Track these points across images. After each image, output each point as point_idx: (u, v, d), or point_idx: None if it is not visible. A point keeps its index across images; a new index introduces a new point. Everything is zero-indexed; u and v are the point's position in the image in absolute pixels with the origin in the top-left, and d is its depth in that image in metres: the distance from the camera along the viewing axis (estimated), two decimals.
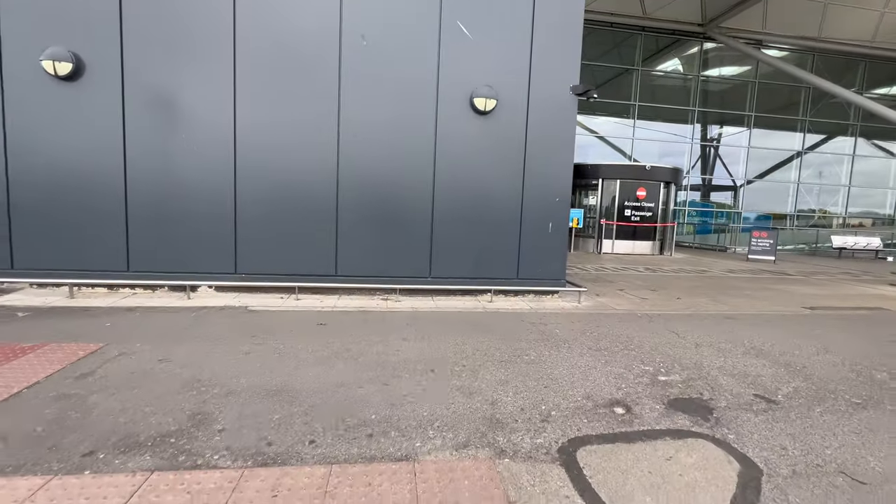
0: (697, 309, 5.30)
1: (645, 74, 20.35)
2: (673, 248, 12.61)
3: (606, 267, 9.27)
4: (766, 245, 11.44)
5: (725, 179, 21.65)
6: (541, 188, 5.33)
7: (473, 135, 5.14)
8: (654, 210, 12.31)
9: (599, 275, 7.99)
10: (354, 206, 5.02)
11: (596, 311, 4.94)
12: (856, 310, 5.64)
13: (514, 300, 5.31)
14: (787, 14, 17.80)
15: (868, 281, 8.64)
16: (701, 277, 8.19)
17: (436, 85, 5.03)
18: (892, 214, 22.22)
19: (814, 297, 6.51)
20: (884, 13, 17.76)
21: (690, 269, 9.51)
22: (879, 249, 13.88)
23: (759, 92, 20.76)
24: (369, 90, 4.93)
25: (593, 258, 11.11)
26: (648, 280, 7.55)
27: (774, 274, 9.20)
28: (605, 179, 12.26)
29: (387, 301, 4.96)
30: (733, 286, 7.26)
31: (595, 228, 12.41)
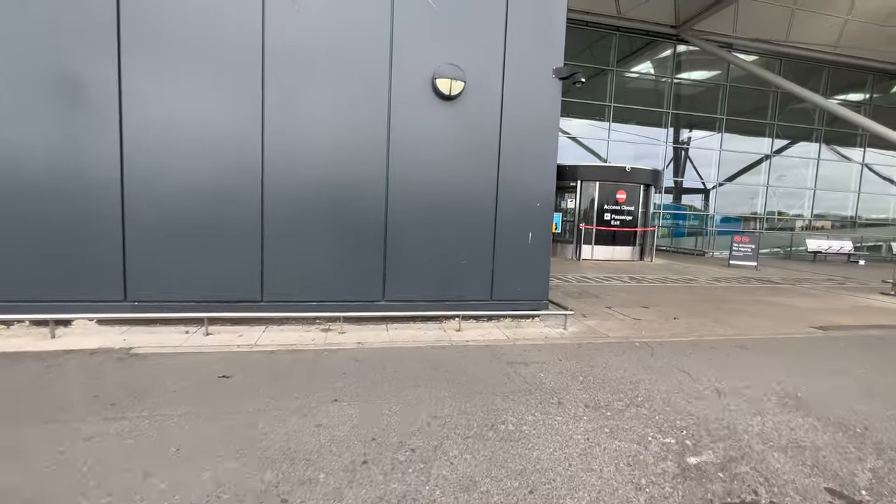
0: (701, 333, 4.50)
1: (620, 75, 19.99)
2: (653, 253, 12.03)
3: (588, 276, 8.49)
4: (748, 250, 10.99)
5: (697, 182, 21.59)
6: (519, 191, 4.41)
7: (437, 125, 4.18)
8: (634, 214, 11.70)
9: (583, 287, 7.17)
10: (286, 215, 3.95)
11: (586, 341, 4.05)
12: (867, 329, 5.00)
13: (488, 327, 4.37)
14: (757, 18, 17.76)
15: (855, 289, 8.20)
16: (690, 289, 7.50)
17: (388, 63, 4.03)
18: (854, 217, 22.72)
19: (814, 312, 5.88)
20: (846, 20, 17.98)
21: (675, 277, 8.86)
22: (851, 253, 13.79)
23: (730, 95, 20.76)
24: (302, 69, 3.88)
25: (572, 265, 10.35)
26: (636, 293, 6.78)
27: (762, 282, 8.66)
28: (584, 181, 11.56)
29: (327, 333, 3.91)
30: (727, 300, 6.57)
31: (574, 233, 11.69)
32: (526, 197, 4.43)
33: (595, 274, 8.91)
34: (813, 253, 13.62)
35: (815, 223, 22.26)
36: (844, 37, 18.53)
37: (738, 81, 20.80)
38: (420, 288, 4.29)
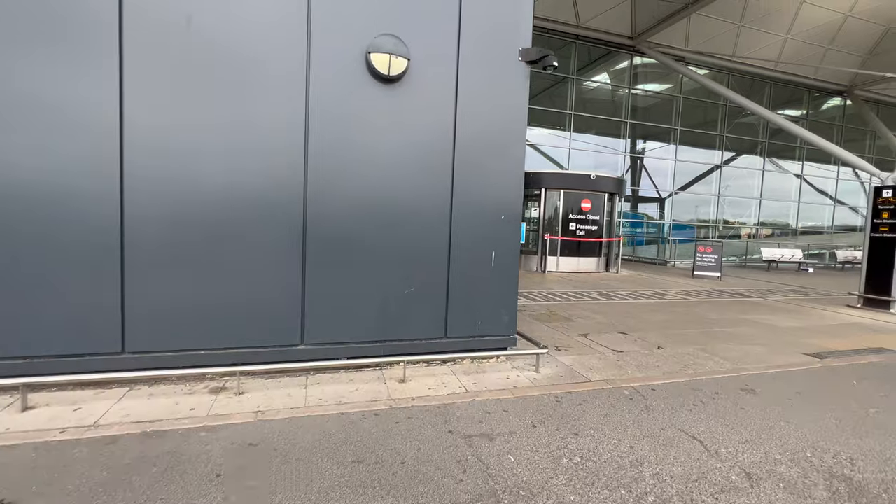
0: (695, 369, 3.77)
1: (580, 85, 19.93)
2: (619, 264, 11.59)
3: (555, 292, 7.76)
4: (712, 261, 10.75)
5: (653, 191, 21.87)
6: (479, 200, 3.51)
7: (372, 115, 3.20)
8: (600, 223, 11.21)
9: (551, 307, 6.38)
10: (162, 232, 2.83)
11: (565, 390, 3.18)
12: (862, 355, 4.48)
13: (442, 373, 3.40)
14: (706, 33, 18.19)
15: (821, 301, 7.96)
16: (664, 306, 6.91)
17: (305, 31, 3.03)
18: (795, 226, 23.84)
19: (799, 333, 5.37)
20: (786, 39, 18.79)
21: (646, 291, 8.32)
22: (801, 261, 14.06)
23: (683, 107, 21.23)
24: (179, 43, 2.80)
25: (538, 279, 9.63)
26: (610, 314, 6.07)
27: (731, 295, 8.27)
28: (549, 189, 10.94)
29: (217, 396, 2.81)
30: (705, 319, 5.99)
31: (539, 244, 11.02)
32: (488, 208, 3.54)
33: (562, 289, 8.20)
34: (767, 262, 13.75)
35: (762, 231, 23.14)
36: (784, 55, 19.35)
37: (691, 94, 21.33)
38: (353, 326, 3.27)
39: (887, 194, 6.95)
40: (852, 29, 17.95)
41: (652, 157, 21.72)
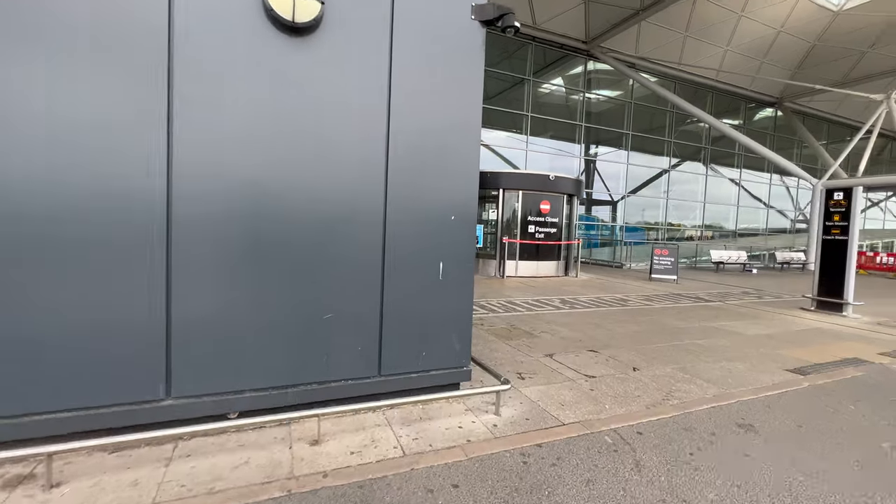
0: (680, 398, 3.18)
1: (537, 87, 19.80)
2: (578, 267, 11.24)
3: (516, 301, 7.13)
4: (668, 264, 10.64)
5: (606, 194, 22.18)
6: (422, 196, 2.71)
7: (268, 78, 2.32)
8: (559, 226, 10.80)
9: (512, 320, 5.71)
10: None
11: (532, 443, 2.44)
12: (841, 368, 4.14)
13: (373, 424, 2.56)
14: (655, 41, 18.60)
15: (776, 304, 7.91)
16: (629, 313, 6.46)
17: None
18: (735, 228, 25.13)
19: (769, 343, 5.04)
20: (726, 51, 19.64)
21: (608, 298, 7.90)
22: (746, 263, 14.50)
23: (634, 113, 21.70)
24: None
25: (496, 285, 9.01)
26: (575, 325, 5.48)
27: (692, 300, 8.04)
28: (507, 190, 10.38)
29: (12, 493, 1.81)
30: (674, 329, 5.56)
31: (497, 247, 10.42)
32: (434, 207, 2.74)
33: (523, 296, 7.60)
34: (716, 263, 14.03)
35: (706, 233, 24.16)
36: (724, 65, 20.22)
37: (642, 100, 21.86)
38: (248, 368, 2.35)
39: (838, 197, 6.91)
40: (784, 44, 19.02)
41: (605, 161, 22.03)
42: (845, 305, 6.85)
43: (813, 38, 18.57)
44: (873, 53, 18.30)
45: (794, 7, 17.09)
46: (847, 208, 6.81)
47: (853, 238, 6.74)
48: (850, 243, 6.77)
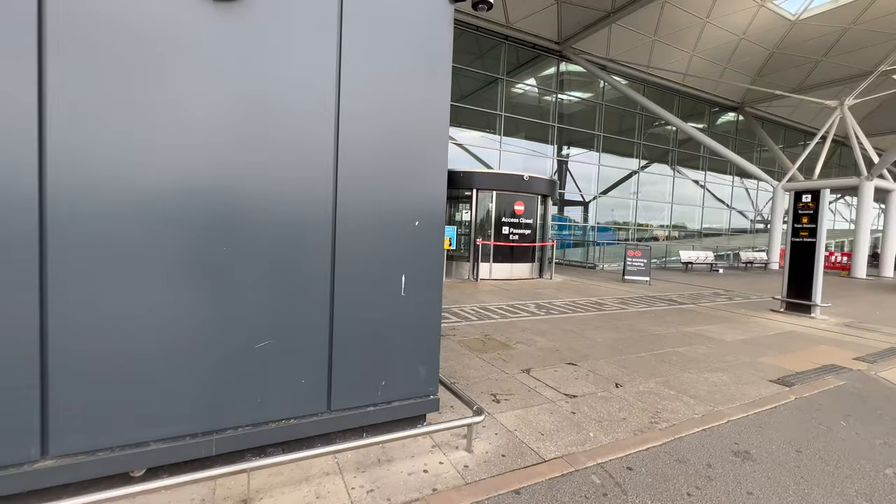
0: (668, 419, 2.90)
1: (510, 87, 19.67)
2: (553, 269, 11.07)
3: (490, 306, 6.79)
4: (641, 265, 10.62)
5: (577, 195, 22.35)
6: (381, 198, 2.30)
7: (188, 48, 1.84)
8: (533, 227, 10.58)
9: (486, 328, 5.36)
10: None
11: (509, 488, 2.07)
12: (823, 376, 4.01)
13: (321, 472, 2.12)
14: (625, 44, 18.82)
15: (747, 306, 7.94)
16: (605, 319, 6.24)
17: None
18: (700, 229, 25.89)
19: (748, 349, 4.91)
20: (692, 56, 20.12)
21: (583, 301, 7.70)
22: (713, 263, 14.80)
23: (606, 115, 21.95)
24: None
25: (470, 288, 8.66)
26: (552, 333, 5.19)
27: (666, 302, 7.96)
28: (481, 191, 10.05)
29: None
30: (652, 335, 5.36)
31: (470, 249, 10.09)
32: (394, 210, 2.33)
33: (497, 301, 7.28)
34: (685, 264, 14.24)
35: (673, 233, 24.77)
36: (690, 70, 20.71)
37: (612, 102, 22.13)
38: (158, 411, 1.87)
39: (807, 199, 6.95)
40: (745, 50, 19.63)
41: (577, 162, 22.18)
42: (813, 307, 6.89)
43: (772, 46, 19.25)
44: (826, 62, 19.16)
45: (755, 15, 17.63)
46: (815, 210, 6.85)
47: (821, 240, 6.79)
48: (819, 245, 6.81)
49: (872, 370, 4.22)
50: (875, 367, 4.30)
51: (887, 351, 4.94)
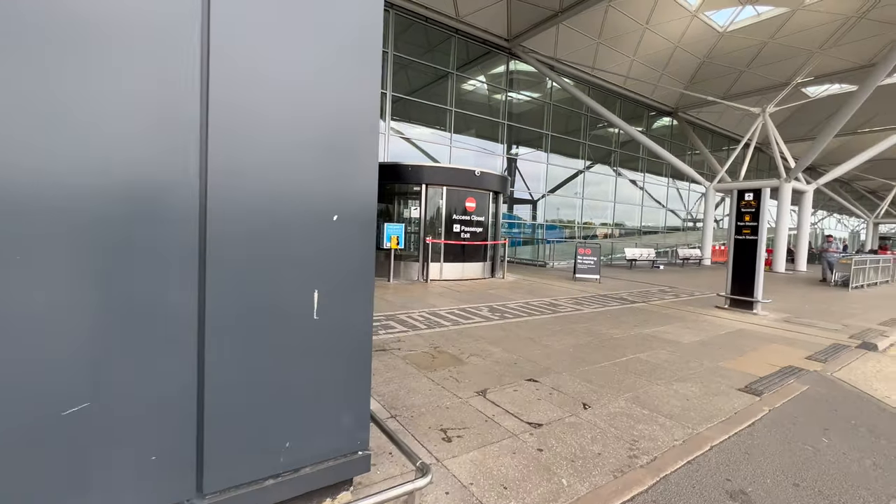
0: (646, 449, 2.46)
1: (460, 84, 19.27)
2: (505, 268, 10.72)
3: (440, 310, 6.20)
4: (591, 263, 10.56)
5: (526, 193, 22.50)
6: (279, 179, 1.60)
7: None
8: (485, 224, 10.14)
9: (436, 339, 4.75)
10: None
11: None
12: (786, 380, 3.85)
13: None
14: (572, 44, 19.08)
15: (694, 303, 8.02)
16: (561, 322, 5.88)
17: None
18: (640, 227, 27.16)
19: (706, 351, 4.73)
20: (633, 61, 20.88)
21: (537, 302, 7.34)
22: (654, 260, 15.30)
23: (553, 114, 22.22)
24: None
25: (419, 290, 8.03)
26: (508, 341, 4.69)
27: (618, 301, 7.83)
28: (430, 186, 9.43)
29: None
30: (610, 339, 5.05)
31: (419, 248, 9.45)
32: (300, 197, 1.64)
33: (448, 304, 6.71)
34: (630, 261, 14.58)
35: (616, 231, 25.75)
36: (631, 74, 21.48)
37: (560, 102, 22.45)
38: None
39: (749, 197, 7.06)
40: (679, 58, 20.65)
41: (526, 160, 22.29)
42: (755, 303, 7.02)
43: (702, 55, 20.41)
44: (749, 73, 20.66)
45: (688, 25, 18.54)
46: (757, 209, 6.97)
47: (762, 238, 6.91)
48: (760, 243, 6.93)
49: (827, 370, 4.14)
50: (828, 367, 4.24)
51: (831, 349, 4.97)
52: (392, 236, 8.72)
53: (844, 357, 4.64)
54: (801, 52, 18.62)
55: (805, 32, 17.63)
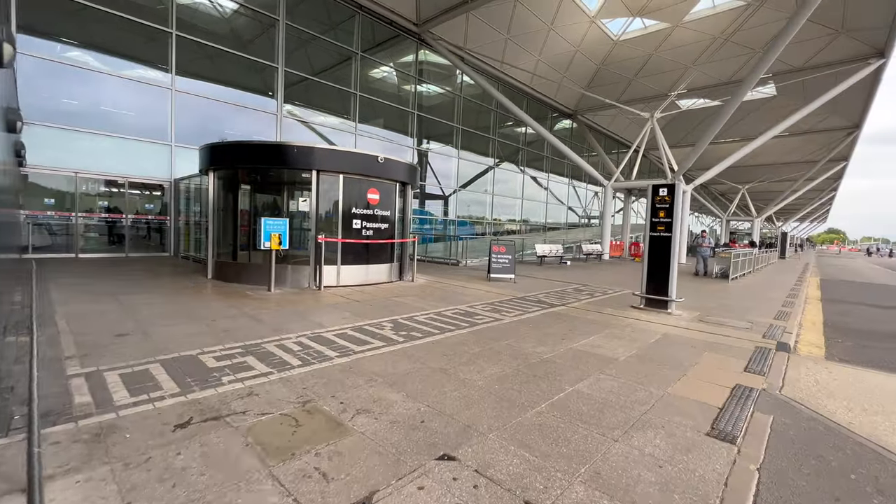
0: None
1: (367, 68, 17.48)
2: (414, 269, 9.46)
3: (327, 334, 4.69)
4: (506, 262, 9.83)
5: (437, 188, 21.63)
6: None
7: None
8: (391, 220, 8.75)
9: (311, 385, 3.25)
10: None
11: None
12: (744, 410, 3.18)
13: None
14: (482, 37, 18.51)
15: (611, 304, 7.63)
16: (481, 339, 4.79)
17: None
18: (545, 223, 28.12)
19: (642, 369, 4.00)
20: (538, 60, 21.13)
21: (451, 312, 6.20)
22: (561, 256, 15.39)
23: (464, 108, 21.56)
24: None
25: (308, 302, 6.37)
26: (415, 383, 3.41)
27: (537, 305, 7.06)
28: (324, 173, 7.73)
29: None
30: (542, 365, 4.07)
31: (312, 249, 7.72)
32: None
33: (341, 322, 5.21)
34: (540, 257, 14.39)
35: (523, 227, 26.24)
36: (537, 73, 21.76)
37: (471, 96, 21.89)
38: None
39: (664, 193, 6.75)
40: (579, 62, 21.40)
41: (438, 154, 21.34)
42: (670, 303, 6.75)
43: (599, 61, 21.43)
44: (637, 82, 22.27)
45: (587, 30, 19.16)
46: (671, 204, 6.67)
47: (676, 235, 6.64)
48: (674, 240, 6.66)
49: (772, 387, 3.63)
50: (771, 382, 3.75)
51: (758, 355, 4.62)
52: (272, 234, 6.88)
53: (776, 366, 4.26)
54: (679, 66, 20.47)
55: (683, 48, 19.34)
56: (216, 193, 8.18)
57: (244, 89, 13.95)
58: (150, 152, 11.70)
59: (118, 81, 10.97)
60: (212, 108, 12.83)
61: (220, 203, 8.26)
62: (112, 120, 10.92)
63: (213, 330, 4.59)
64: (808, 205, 47.88)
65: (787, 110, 19.29)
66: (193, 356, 3.71)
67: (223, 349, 3.94)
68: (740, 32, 17.69)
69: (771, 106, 23.44)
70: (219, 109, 12.98)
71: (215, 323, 4.89)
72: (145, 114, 11.42)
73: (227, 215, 8.31)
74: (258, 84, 14.33)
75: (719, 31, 17.99)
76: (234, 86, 13.70)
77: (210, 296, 6.50)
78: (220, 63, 13.23)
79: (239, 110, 13.52)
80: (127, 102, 11.16)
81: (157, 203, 12.60)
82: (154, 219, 12.54)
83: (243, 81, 14.00)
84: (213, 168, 8.11)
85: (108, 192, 11.59)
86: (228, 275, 7.95)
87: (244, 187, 8.51)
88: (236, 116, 13.43)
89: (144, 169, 11.70)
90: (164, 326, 4.63)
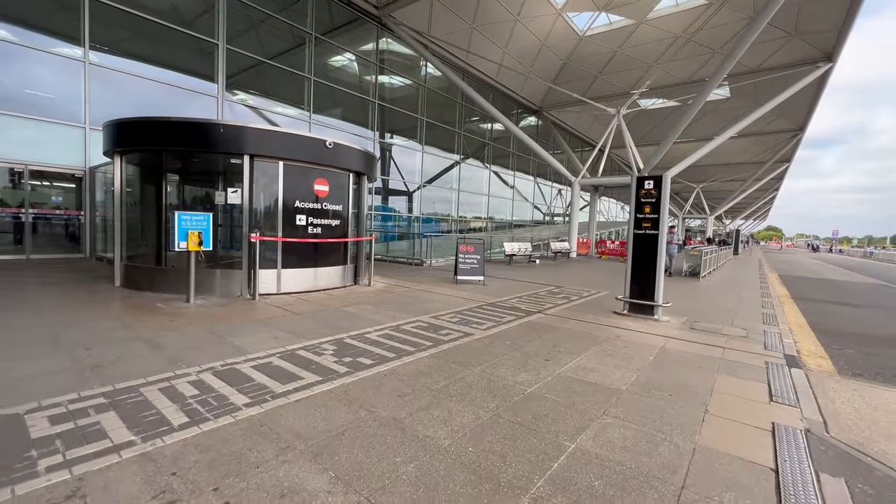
0: None
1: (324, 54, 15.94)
2: (372, 271, 8.30)
3: (243, 367, 3.49)
4: (475, 262, 8.88)
5: (401, 184, 20.45)
6: None
7: None
8: (343, 215, 7.55)
9: (189, 456, 2.10)
10: None
11: None
12: (792, 452, 2.35)
13: None
14: (447, 24, 17.45)
15: (590, 308, 6.85)
16: (446, 366, 3.77)
17: None
18: (511, 220, 27.57)
19: (659, 409, 3.14)
20: (504, 53, 20.37)
21: (412, 326, 5.14)
22: (530, 254, 14.73)
23: (428, 99, 20.45)
24: None
25: (236, 316, 5.09)
26: (347, 444, 2.33)
27: (511, 313, 6.14)
28: (259, 159, 6.41)
29: None
30: (527, 404, 3.11)
31: (245, 250, 6.39)
32: None
33: (267, 346, 4.02)
34: (509, 256, 13.61)
35: (489, 225, 25.53)
36: (503, 66, 20.99)
37: (436, 88, 20.82)
38: None
39: (649, 185, 6.01)
40: (545, 57, 20.83)
41: (401, 148, 20.11)
42: (656, 307, 6.03)
43: (564, 56, 20.97)
44: (602, 79, 22.04)
45: (553, 24, 18.58)
46: (658, 198, 5.93)
47: (663, 233, 5.91)
48: (661, 238, 5.93)
49: (816, 427, 2.84)
50: (809, 419, 2.97)
51: (775, 376, 3.90)
52: (189, 232, 5.52)
53: (801, 391, 3.53)
54: (643, 65, 20.35)
55: (646, 46, 19.18)
56: (123, 182, 6.65)
57: (184, 72, 12.12)
58: (59, 136, 9.78)
59: (17, 50, 9.01)
60: (144, 92, 11.01)
61: (129, 194, 6.74)
62: (5, 95, 8.95)
63: (80, 366, 3.29)
64: (754, 203, 50.64)
65: (740, 112, 19.62)
66: (16, 416, 2.44)
67: (75, 399, 2.69)
68: (702, 32, 17.67)
69: (725, 107, 23.96)
70: (153, 94, 11.16)
71: (89, 353, 3.57)
72: (53, 90, 9.51)
73: (139, 209, 6.80)
74: (202, 67, 12.53)
75: (681, 29, 17.91)
76: (171, 67, 11.86)
77: (104, 310, 5.08)
78: (154, 41, 11.40)
79: (177, 95, 11.72)
80: (29, 77, 9.21)
81: (69, 196, 10.65)
82: (64, 213, 10.59)
83: (183, 63, 12.17)
84: (121, 151, 6.58)
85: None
86: (140, 282, 6.48)
87: (166, 176, 7.02)
88: (174, 101, 11.62)
89: (50, 156, 9.77)
90: (4, 360, 3.27)
